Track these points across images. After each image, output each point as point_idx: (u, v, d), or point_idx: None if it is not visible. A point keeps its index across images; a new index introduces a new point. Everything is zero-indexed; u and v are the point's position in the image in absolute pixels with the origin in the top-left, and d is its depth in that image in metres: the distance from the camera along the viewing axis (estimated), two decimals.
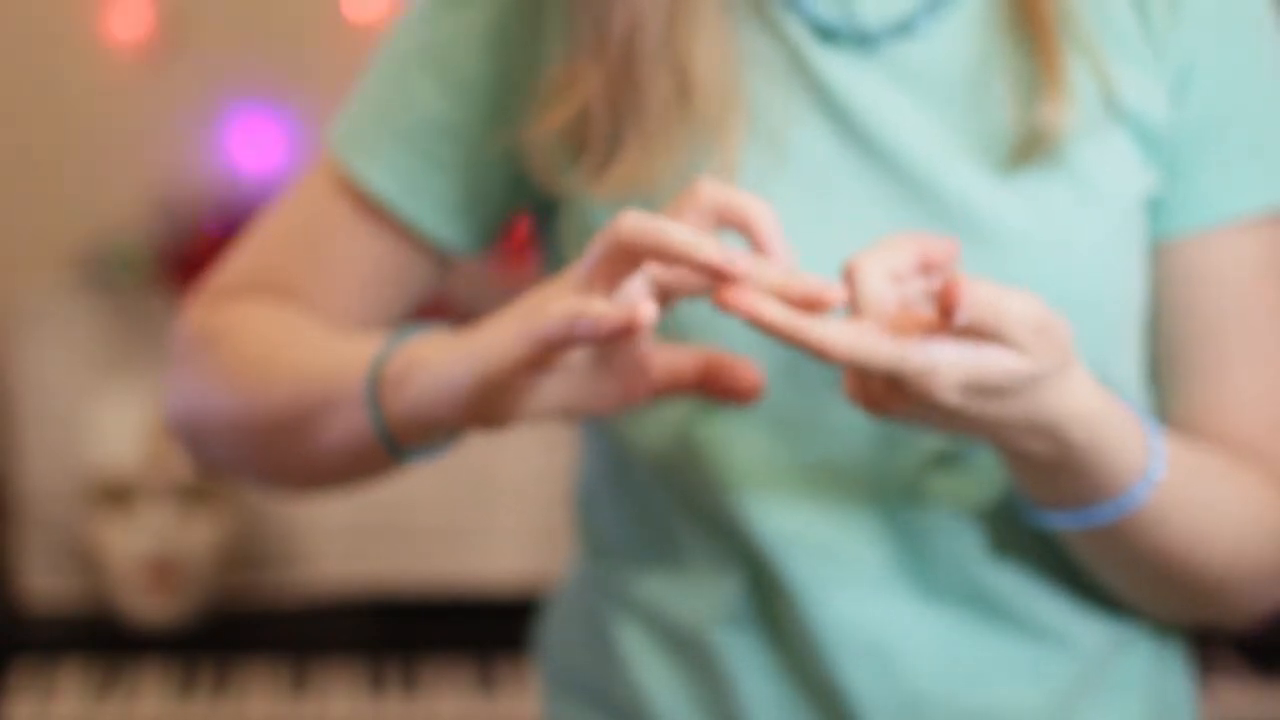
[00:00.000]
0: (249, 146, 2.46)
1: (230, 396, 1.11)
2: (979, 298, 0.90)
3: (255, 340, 1.11)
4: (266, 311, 1.14)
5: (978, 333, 0.91)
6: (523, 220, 1.19)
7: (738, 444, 1.08)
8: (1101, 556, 1.07)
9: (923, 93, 1.07)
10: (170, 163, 2.44)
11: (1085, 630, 1.11)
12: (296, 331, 1.11)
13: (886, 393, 0.94)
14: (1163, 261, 1.11)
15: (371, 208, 1.14)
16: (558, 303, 0.92)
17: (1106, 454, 0.99)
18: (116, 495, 2.24)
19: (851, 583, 1.09)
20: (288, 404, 1.07)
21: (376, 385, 1.01)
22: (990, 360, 0.92)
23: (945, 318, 0.90)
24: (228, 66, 2.46)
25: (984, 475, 1.09)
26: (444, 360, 0.98)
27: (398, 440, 1.02)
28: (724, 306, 0.90)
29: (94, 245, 2.41)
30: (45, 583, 2.31)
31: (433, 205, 1.14)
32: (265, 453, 1.11)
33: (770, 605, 1.10)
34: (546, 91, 1.09)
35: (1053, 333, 0.93)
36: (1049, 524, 1.04)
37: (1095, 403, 0.97)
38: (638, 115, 1.06)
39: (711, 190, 0.94)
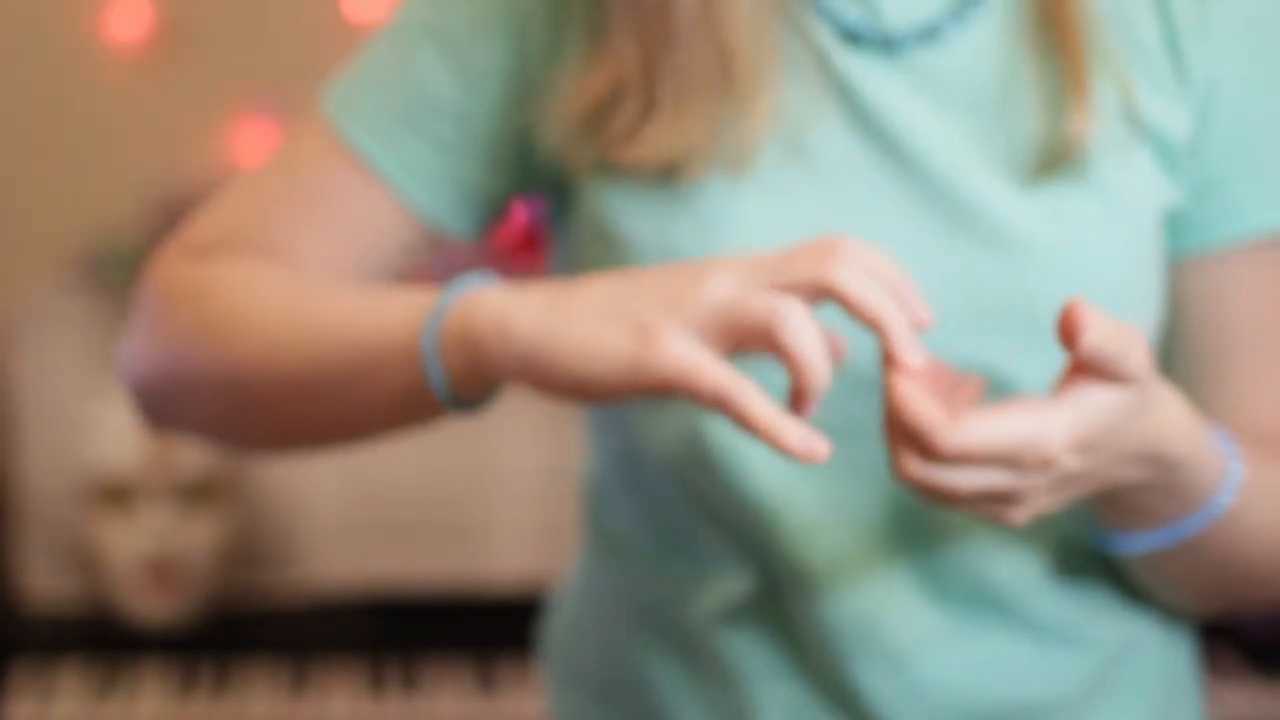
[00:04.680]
0: (249, 146, 2.46)
1: (225, 356, 1.06)
2: (1102, 323, 0.89)
3: (267, 297, 1.07)
4: (259, 268, 1.10)
5: (1096, 365, 0.90)
6: (524, 214, 1.18)
7: (751, 446, 1.08)
8: (1174, 570, 1.07)
9: (946, 99, 1.07)
10: (170, 163, 2.44)
11: (1098, 630, 1.12)
12: (314, 288, 1.07)
13: (1012, 485, 0.91)
14: (1187, 275, 1.11)
15: (366, 173, 1.12)
16: (684, 348, 0.89)
17: (1199, 465, 0.99)
18: (116, 495, 2.23)
19: (865, 584, 1.09)
20: (311, 364, 1.03)
21: (439, 339, 0.97)
22: (1094, 401, 0.91)
23: (1069, 343, 0.88)
24: (227, 67, 2.46)
25: None
26: (532, 336, 0.94)
27: (456, 394, 0.98)
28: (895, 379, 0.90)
29: (94, 245, 2.41)
30: (45, 583, 2.30)
31: (428, 182, 1.12)
32: (260, 414, 1.08)
33: (782, 605, 1.11)
34: (573, 73, 1.09)
35: (1148, 353, 0.92)
36: (1130, 548, 1.04)
37: (1185, 412, 0.97)
38: (675, 84, 1.05)
39: (846, 272, 0.91)
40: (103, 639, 2.23)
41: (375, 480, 2.34)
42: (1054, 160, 1.06)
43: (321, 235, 1.11)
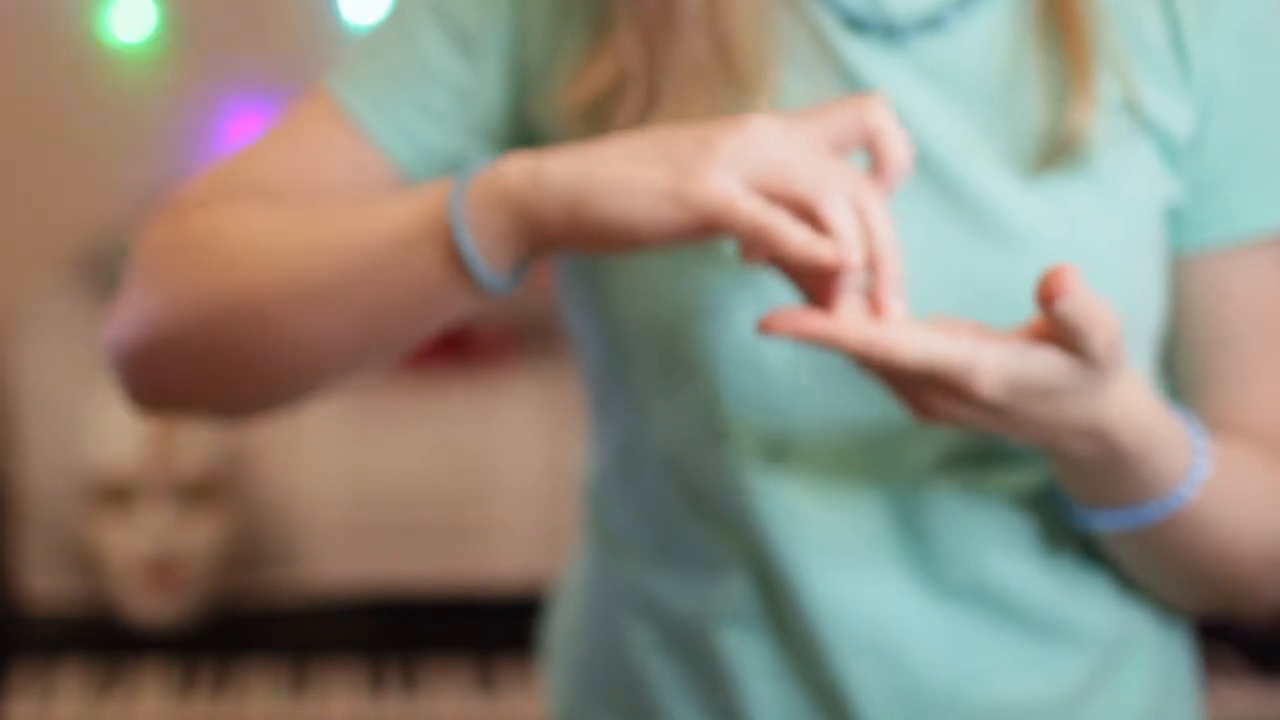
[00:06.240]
0: None
1: (236, 282, 1.03)
2: (1084, 294, 0.91)
3: (266, 218, 1.05)
4: (258, 201, 1.07)
5: (1059, 332, 0.93)
6: None
7: (746, 435, 1.08)
8: (1143, 554, 1.08)
9: (950, 89, 1.08)
10: (170, 163, 2.44)
11: (1092, 624, 1.12)
12: (320, 206, 1.05)
13: (931, 394, 0.95)
14: (1189, 273, 1.12)
15: (361, 138, 1.11)
16: (725, 182, 0.92)
17: (1155, 456, 1.01)
18: (116, 495, 2.23)
19: (856, 578, 1.09)
20: (334, 265, 1.01)
21: (465, 206, 0.97)
22: (1039, 361, 0.94)
23: (1045, 303, 0.91)
24: (228, 67, 2.46)
25: (992, 471, 1.09)
26: (570, 176, 0.95)
27: (487, 262, 0.98)
28: (800, 336, 0.93)
29: (94, 245, 2.42)
30: (45, 583, 2.30)
31: (422, 151, 1.12)
32: (274, 343, 1.04)
33: (775, 603, 1.11)
34: (575, 64, 1.09)
35: (1119, 342, 0.94)
36: (1094, 524, 1.06)
37: (1145, 404, 0.99)
38: (677, 76, 1.06)
39: (882, 113, 0.95)
40: (103, 639, 2.23)
41: (375, 480, 2.33)
42: (1056, 152, 1.07)
43: (315, 199, 1.09)
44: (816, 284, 0.94)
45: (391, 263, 0.99)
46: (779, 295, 1.04)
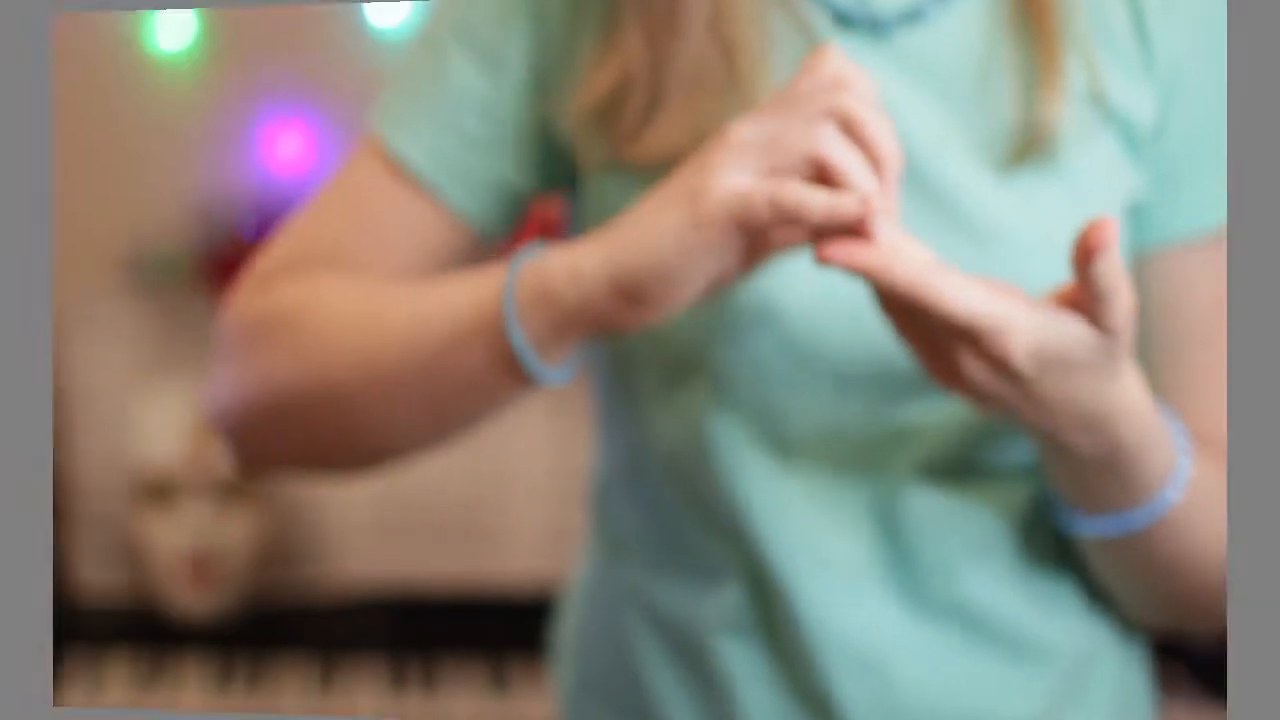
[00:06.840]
0: (284, 153, 2.49)
1: (320, 368, 1.07)
2: (1116, 255, 0.90)
3: (343, 304, 1.07)
4: (337, 279, 1.09)
5: (1089, 294, 0.92)
6: (545, 213, 1.22)
7: (742, 438, 1.09)
8: (1122, 562, 1.08)
9: (927, 81, 1.07)
10: (210, 171, 2.46)
11: (1057, 640, 1.13)
12: (386, 289, 1.07)
13: (960, 352, 0.94)
14: (1146, 269, 1.11)
15: (409, 181, 1.12)
16: (731, 181, 0.93)
17: (1148, 452, 1.00)
18: (160, 491, 2.24)
19: (843, 590, 1.10)
20: (398, 359, 1.04)
21: (515, 306, 0.99)
22: (1065, 329, 0.93)
23: (1083, 259, 0.90)
24: (262, 74, 2.47)
25: (970, 481, 1.10)
26: (602, 261, 0.96)
27: (540, 357, 1.00)
28: (854, 268, 0.92)
29: (139, 251, 2.43)
30: (95, 576, 2.32)
31: (463, 181, 1.13)
32: (353, 425, 1.07)
33: (769, 612, 1.12)
34: (585, 66, 1.09)
35: (1132, 316, 0.95)
36: (1084, 530, 1.05)
37: (1144, 399, 0.99)
38: (680, 79, 1.06)
39: (837, 59, 0.97)
40: (148, 631, 2.25)
41: (394, 482, 2.34)
42: (1027, 147, 1.06)
43: (377, 249, 1.12)
44: None
45: (451, 356, 1.02)
46: (776, 295, 1.05)
